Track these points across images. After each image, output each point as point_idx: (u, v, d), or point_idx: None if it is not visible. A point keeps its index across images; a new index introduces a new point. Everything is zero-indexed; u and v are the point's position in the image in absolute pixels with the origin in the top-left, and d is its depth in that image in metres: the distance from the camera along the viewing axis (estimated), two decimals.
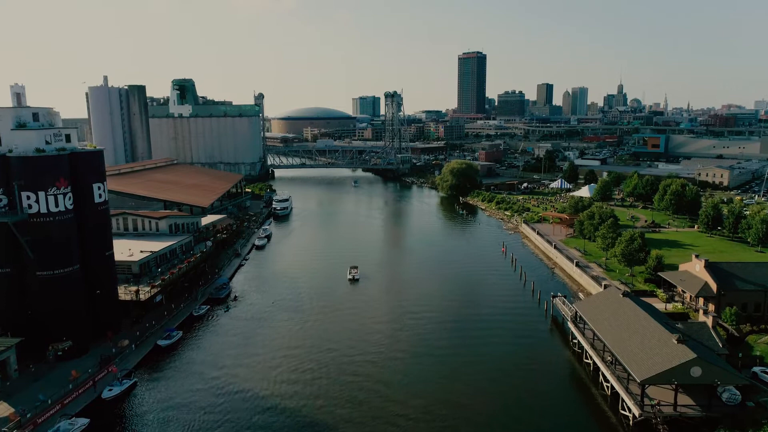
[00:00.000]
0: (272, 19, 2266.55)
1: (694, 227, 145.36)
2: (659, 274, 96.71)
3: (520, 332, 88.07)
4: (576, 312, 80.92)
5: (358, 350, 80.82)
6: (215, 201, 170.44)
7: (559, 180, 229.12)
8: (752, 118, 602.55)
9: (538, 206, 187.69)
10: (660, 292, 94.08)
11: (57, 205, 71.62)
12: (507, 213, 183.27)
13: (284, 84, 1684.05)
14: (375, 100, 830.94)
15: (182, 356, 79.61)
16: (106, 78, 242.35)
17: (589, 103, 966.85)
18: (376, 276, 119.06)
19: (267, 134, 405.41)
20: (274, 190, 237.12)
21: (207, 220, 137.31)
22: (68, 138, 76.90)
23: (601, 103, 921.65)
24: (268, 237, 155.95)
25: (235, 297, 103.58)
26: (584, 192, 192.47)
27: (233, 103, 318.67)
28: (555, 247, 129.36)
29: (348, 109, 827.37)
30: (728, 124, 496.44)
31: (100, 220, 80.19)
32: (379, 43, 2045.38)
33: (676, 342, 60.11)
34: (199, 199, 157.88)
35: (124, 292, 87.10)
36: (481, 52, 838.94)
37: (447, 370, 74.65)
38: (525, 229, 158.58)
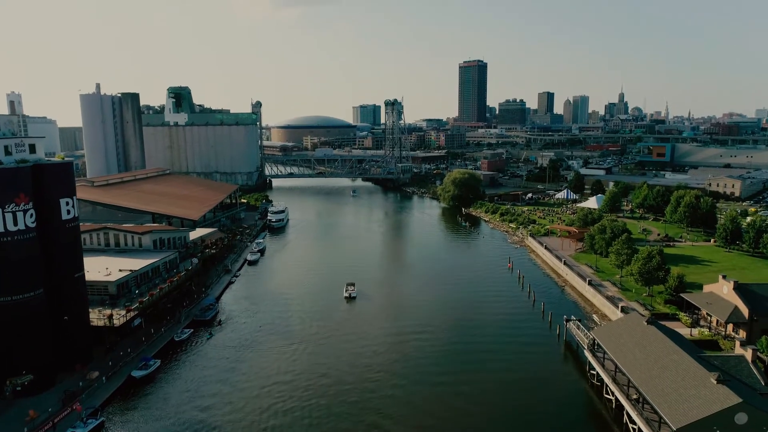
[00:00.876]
0: (273, 28, 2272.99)
1: (710, 241, 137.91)
2: (682, 295, 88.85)
3: (531, 359, 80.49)
4: (594, 340, 73.27)
5: (355, 377, 74.00)
6: (207, 213, 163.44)
7: (565, 190, 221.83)
8: (755, 127, 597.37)
9: (544, 218, 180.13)
10: (683, 315, 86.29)
11: (16, 224, 64.19)
12: (512, 225, 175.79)
13: (284, 92, 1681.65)
14: (375, 109, 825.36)
15: (158, 389, 71.88)
16: (98, 85, 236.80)
17: (590, 111, 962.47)
18: (374, 293, 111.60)
19: (266, 143, 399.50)
20: (270, 201, 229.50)
21: (196, 234, 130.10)
22: (33, 148, 69.72)
23: (602, 112, 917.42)
24: (262, 251, 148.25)
25: (219, 321, 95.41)
26: (592, 203, 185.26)
27: (231, 112, 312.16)
28: (565, 263, 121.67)
29: (349, 117, 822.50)
30: (731, 132, 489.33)
31: (68, 238, 72.57)
32: (380, 51, 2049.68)
33: (715, 382, 52.47)
34: (190, 212, 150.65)
35: (98, 317, 79.58)
36: (481, 61, 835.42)
37: (452, 402, 67.76)
38: (531, 242, 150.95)
